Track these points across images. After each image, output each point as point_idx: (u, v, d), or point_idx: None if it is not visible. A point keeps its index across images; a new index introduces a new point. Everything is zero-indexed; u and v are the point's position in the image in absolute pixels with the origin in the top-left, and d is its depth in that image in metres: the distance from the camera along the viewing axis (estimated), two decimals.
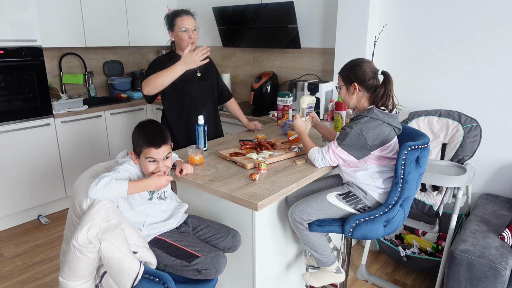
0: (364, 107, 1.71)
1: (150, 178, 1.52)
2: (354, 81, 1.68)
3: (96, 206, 1.35)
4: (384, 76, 1.66)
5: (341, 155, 1.67)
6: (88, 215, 1.32)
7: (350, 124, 1.66)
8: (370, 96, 1.69)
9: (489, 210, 2.18)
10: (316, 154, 1.75)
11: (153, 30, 3.91)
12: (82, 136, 3.34)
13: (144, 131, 1.54)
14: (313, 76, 3.21)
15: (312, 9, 3.09)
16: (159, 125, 1.60)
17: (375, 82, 1.67)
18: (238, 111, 2.56)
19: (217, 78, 2.47)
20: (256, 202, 1.43)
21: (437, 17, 2.47)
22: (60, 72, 3.62)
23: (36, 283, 2.39)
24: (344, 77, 1.73)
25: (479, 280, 1.76)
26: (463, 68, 2.42)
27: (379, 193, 1.69)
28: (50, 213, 3.31)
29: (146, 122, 1.61)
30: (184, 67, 2.02)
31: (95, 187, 1.38)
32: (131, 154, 1.58)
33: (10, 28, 2.79)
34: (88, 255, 1.29)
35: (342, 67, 1.76)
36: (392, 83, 1.66)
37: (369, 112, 1.64)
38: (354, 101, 1.73)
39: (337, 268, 1.81)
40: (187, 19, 2.16)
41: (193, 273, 1.51)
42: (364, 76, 1.66)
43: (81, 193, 1.45)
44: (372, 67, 1.68)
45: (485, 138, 2.35)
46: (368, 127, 1.61)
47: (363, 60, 1.70)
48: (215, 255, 1.52)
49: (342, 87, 1.75)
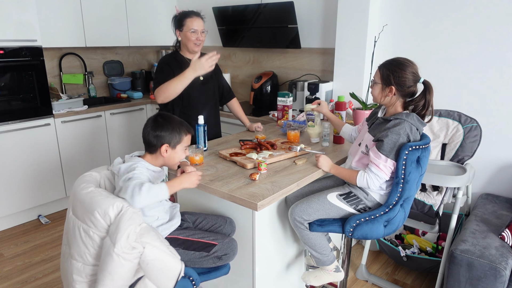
0: (397, 110, 1.65)
1: (182, 176, 1.52)
2: (392, 84, 1.60)
3: (127, 212, 1.32)
4: (425, 86, 1.59)
5: (391, 167, 1.60)
6: (122, 222, 1.29)
7: (387, 133, 1.56)
8: (404, 102, 1.64)
9: (489, 210, 2.18)
10: (367, 178, 1.61)
11: (153, 30, 3.91)
12: (82, 136, 3.34)
13: (180, 122, 1.58)
14: (313, 76, 3.21)
15: (312, 9, 3.09)
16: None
17: (414, 89, 1.61)
18: (240, 112, 2.55)
19: (219, 78, 2.47)
20: (256, 202, 1.43)
21: (437, 17, 2.47)
22: (60, 72, 3.62)
23: (36, 283, 2.39)
24: (383, 75, 1.62)
25: (479, 280, 1.76)
26: (463, 68, 2.42)
27: (381, 194, 1.69)
28: (50, 213, 3.31)
29: (167, 114, 1.61)
30: (193, 74, 2.02)
31: (139, 196, 1.35)
32: (166, 147, 1.53)
33: (10, 28, 2.79)
34: (133, 261, 1.29)
35: (384, 63, 1.64)
36: (433, 93, 1.59)
37: (408, 117, 1.58)
38: (385, 101, 1.66)
39: (336, 267, 1.81)
40: (197, 20, 2.17)
41: (213, 260, 1.58)
42: (405, 82, 1.58)
43: (100, 203, 1.34)
44: (416, 73, 1.60)
45: (485, 138, 2.35)
46: (412, 132, 1.58)
47: (408, 64, 1.60)
48: (229, 240, 1.62)
49: (378, 84, 1.65)
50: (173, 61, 2.22)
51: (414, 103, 1.61)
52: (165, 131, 1.54)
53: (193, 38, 2.16)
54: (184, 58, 2.25)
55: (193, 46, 2.18)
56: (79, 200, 1.42)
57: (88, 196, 1.40)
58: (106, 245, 1.30)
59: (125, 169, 1.50)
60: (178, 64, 2.20)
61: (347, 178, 1.72)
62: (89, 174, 1.57)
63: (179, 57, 2.25)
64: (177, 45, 2.31)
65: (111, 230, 1.30)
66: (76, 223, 1.41)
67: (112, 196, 1.38)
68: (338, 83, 2.89)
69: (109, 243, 1.29)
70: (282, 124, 2.47)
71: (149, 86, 4.18)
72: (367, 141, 1.69)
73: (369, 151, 1.64)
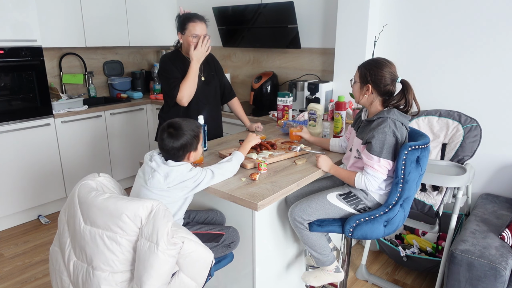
0: (377, 109, 1.67)
1: (248, 138, 1.83)
2: (369, 83, 1.64)
3: (159, 211, 1.33)
4: (403, 85, 1.62)
5: (387, 166, 1.61)
6: (158, 221, 1.30)
7: (373, 134, 1.59)
8: (383, 100, 1.66)
9: (489, 210, 2.18)
10: (365, 180, 1.62)
11: (153, 30, 3.91)
12: (82, 136, 3.34)
13: (189, 124, 1.59)
14: (313, 76, 3.21)
15: (312, 9, 3.09)
16: None
17: (391, 88, 1.63)
18: (240, 112, 2.55)
19: (221, 77, 2.48)
20: (256, 202, 1.43)
21: (437, 17, 2.47)
22: (60, 72, 3.62)
23: (36, 283, 2.39)
24: (361, 74, 1.67)
25: (479, 280, 1.76)
26: (463, 68, 2.42)
27: (380, 194, 1.69)
28: (50, 213, 3.31)
29: (175, 123, 1.59)
30: (197, 63, 2.12)
31: (229, 172, 1.64)
32: (191, 153, 1.58)
33: (10, 28, 2.79)
34: (176, 256, 1.33)
35: (363, 63, 1.69)
36: (412, 91, 1.62)
37: (389, 113, 1.60)
38: (364, 100, 1.69)
39: (336, 268, 1.81)
40: (200, 25, 2.14)
41: (223, 249, 1.65)
42: (381, 80, 1.62)
43: (128, 207, 1.33)
44: (393, 72, 1.63)
45: (485, 138, 2.35)
46: (397, 127, 1.59)
47: (386, 64, 1.63)
48: (232, 228, 1.70)
49: (357, 83, 1.70)
50: (175, 58, 2.23)
51: (394, 102, 1.63)
52: (185, 140, 1.53)
53: (194, 43, 2.12)
54: (186, 58, 2.24)
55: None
56: (97, 208, 1.37)
57: (109, 202, 1.36)
58: (145, 246, 1.29)
59: (178, 179, 1.51)
60: (181, 61, 2.22)
61: (345, 179, 1.72)
62: (86, 183, 1.52)
63: (181, 55, 2.26)
64: (178, 46, 2.31)
65: (147, 231, 1.30)
66: (97, 232, 1.37)
67: (135, 199, 1.37)
68: (338, 83, 2.89)
69: (149, 243, 1.29)
70: (282, 124, 2.47)
71: (149, 86, 4.18)
72: (357, 146, 1.71)
73: (361, 155, 1.66)
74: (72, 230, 1.46)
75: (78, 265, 1.44)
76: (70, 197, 1.51)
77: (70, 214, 1.48)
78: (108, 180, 1.60)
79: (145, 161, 1.58)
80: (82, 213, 1.42)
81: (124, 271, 1.37)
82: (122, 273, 1.37)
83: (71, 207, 1.47)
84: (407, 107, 1.64)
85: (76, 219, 1.43)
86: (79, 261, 1.44)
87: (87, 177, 1.56)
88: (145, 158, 1.60)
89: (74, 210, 1.45)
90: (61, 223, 1.56)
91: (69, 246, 1.48)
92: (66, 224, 1.52)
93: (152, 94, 3.98)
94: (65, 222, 1.53)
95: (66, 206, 1.54)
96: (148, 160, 1.56)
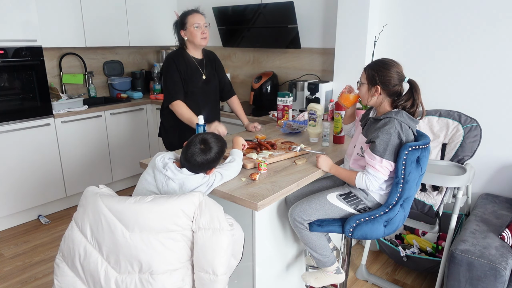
0: (386, 109, 1.66)
1: (235, 140, 1.89)
2: (377, 84, 1.62)
3: (206, 200, 1.40)
4: (411, 84, 1.62)
5: (388, 167, 1.60)
6: (212, 208, 1.38)
7: (378, 134, 1.58)
8: (391, 101, 1.65)
9: (489, 210, 2.18)
10: (366, 180, 1.62)
11: (153, 30, 3.91)
12: (82, 136, 3.34)
13: (218, 143, 1.59)
14: (313, 76, 3.21)
15: (312, 9, 3.09)
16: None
17: (399, 89, 1.63)
18: (239, 111, 2.56)
19: (221, 75, 2.50)
20: (256, 202, 1.43)
21: (437, 17, 2.47)
22: (60, 72, 3.62)
23: (36, 283, 2.39)
24: (369, 75, 1.65)
25: (479, 280, 1.76)
26: (463, 68, 2.42)
27: (380, 194, 1.69)
28: (50, 213, 3.31)
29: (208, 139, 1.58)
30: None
31: (235, 172, 1.67)
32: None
33: (10, 28, 2.79)
34: (234, 234, 1.44)
35: (369, 64, 1.68)
36: (420, 92, 1.61)
37: (397, 115, 1.59)
38: (372, 102, 1.68)
39: (337, 269, 1.81)
40: (198, 16, 2.24)
41: None
42: (390, 81, 1.61)
43: (180, 203, 1.36)
44: (400, 73, 1.62)
45: (485, 138, 2.35)
46: (403, 129, 1.58)
47: (393, 64, 1.63)
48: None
49: (364, 85, 1.68)
50: (179, 58, 2.26)
51: (402, 102, 1.63)
52: (213, 158, 1.54)
53: (198, 33, 2.22)
54: (190, 56, 2.30)
55: (200, 40, 2.24)
56: (148, 211, 1.35)
57: (159, 202, 1.37)
58: (207, 234, 1.35)
59: (193, 187, 1.53)
60: (185, 63, 2.26)
61: (346, 179, 1.72)
62: (104, 193, 1.47)
63: (186, 54, 2.29)
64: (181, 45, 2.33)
65: (205, 221, 1.36)
66: (149, 237, 1.35)
67: (180, 195, 1.40)
68: (338, 83, 2.89)
69: (211, 230, 1.35)
70: (282, 124, 2.47)
71: (149, 86, 4.18)
72: (361, 143, 1.71)
73: (364, 153, 1.66)
74: (109, 246, 1.38)
75: (123, 279, 1.37)
76: (89, 214, 1.43)
77: (99, 231, 1.40)
78: (109, 189, 1.55)
79: (158, 167, 1.53)
80: (124, 223, 1.37)
81: (181, 268, 1.38)
82: (180, 269, 1.38)
83: (98, 224, 1.40)
84: (415, 107, 1.62)
85: (116, 232, 1.37)
86: (123, 275, 1.37)
87: (96, 188, 1.51)
88: (156, 163, 1.54)
89: (108, 224, 1.38)
90: (76, 248, 1.43)
91: (102, 266, 1.39)
92: (91, 245, 1.42)
93: (152, 94, 3.98)
94: (85, 244, 1.43)
95: (84, 227, 1.44)
96: (162, 168, 1.52)
